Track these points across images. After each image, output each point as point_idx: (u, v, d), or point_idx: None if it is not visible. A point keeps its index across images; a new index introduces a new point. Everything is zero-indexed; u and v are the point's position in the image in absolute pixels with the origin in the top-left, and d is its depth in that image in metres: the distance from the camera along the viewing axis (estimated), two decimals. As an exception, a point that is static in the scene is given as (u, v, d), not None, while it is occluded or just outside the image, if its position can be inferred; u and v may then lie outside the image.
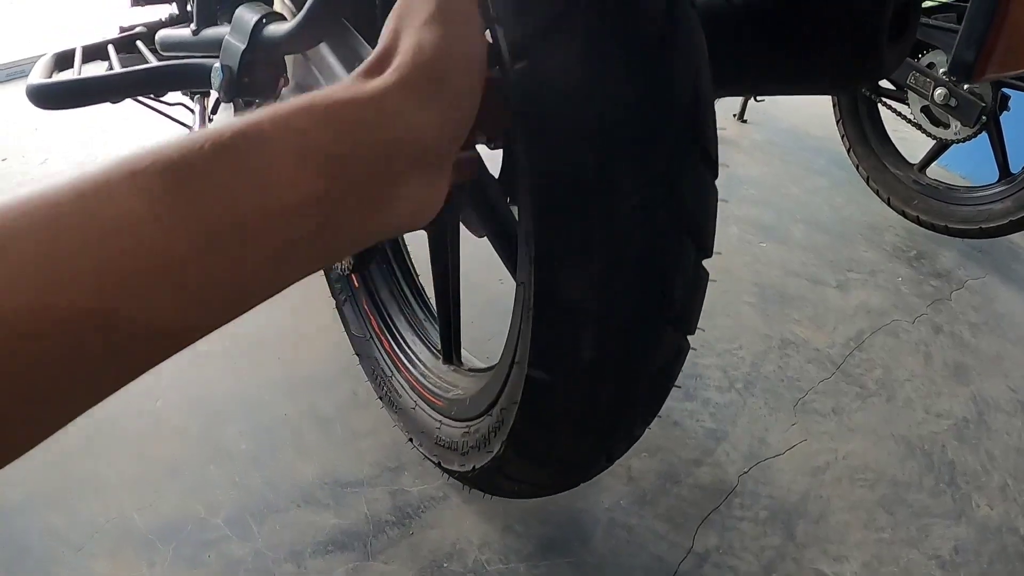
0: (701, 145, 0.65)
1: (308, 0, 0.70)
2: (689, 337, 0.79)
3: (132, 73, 1.02)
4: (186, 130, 1.41)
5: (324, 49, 0.85)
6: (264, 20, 0.83)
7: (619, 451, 0.93)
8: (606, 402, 0.80)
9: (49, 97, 1.03)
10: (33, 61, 2.97)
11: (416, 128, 0.46)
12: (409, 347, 1.37)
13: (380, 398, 1.40)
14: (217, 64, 0.89)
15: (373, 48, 0.68)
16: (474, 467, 1.04)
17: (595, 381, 0.77)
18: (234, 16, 0.89)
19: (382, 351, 1.40)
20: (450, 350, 1.27)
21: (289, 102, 0.42)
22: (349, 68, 0.81)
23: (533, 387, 0.79)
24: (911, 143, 2.49)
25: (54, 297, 0.32)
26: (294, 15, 0.99)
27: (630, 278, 0.68)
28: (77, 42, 1.52)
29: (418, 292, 1.47)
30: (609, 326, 0.71)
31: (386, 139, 0.44)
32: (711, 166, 0.66)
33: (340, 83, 0.46)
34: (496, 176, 0.97)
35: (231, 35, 0.88)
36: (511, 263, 0.98)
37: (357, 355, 1.47)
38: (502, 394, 0.93)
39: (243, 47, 0.85)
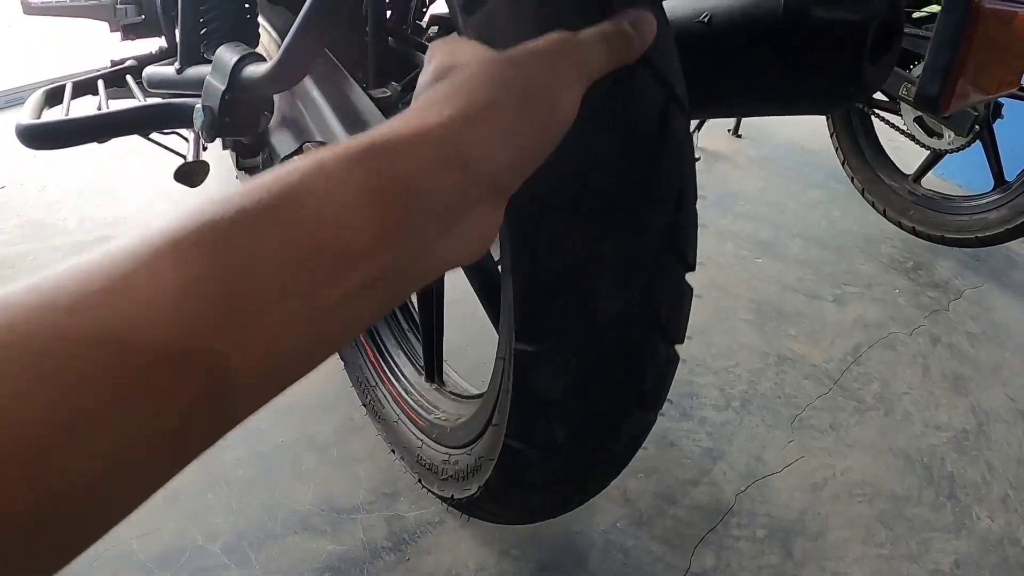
0: (680, 254, 0.66)
1: (285, 40, 0.71)
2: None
3: (117, 114, 1.04)
4: (180, 159, 1.42)
5: (308, 82, 0.86)
6: (243, 61, 0.84)
7: (590, 497, 0.95)
8: (578, 467, 0.83)
9: (37, 137, 1.04)
10: (33, 88, 3.00)
11: (488, 162, 0.44)
12: (393, 359, 1.39)
13: (364, 405, 1.42)
14: (199, 105, 0.90)
15: (357, 80, 0.69)
16: (452, 496, 1.06)
17: (568, 453, 0.79)
18: (215, 56, 0.90)
19: (367, 360, 1.41)
20: (432, 368, 1.28)
21: (352, 140, 0.40)
22: (331, 102, 0.82)
23: (509, 451, 0.83)
24: (906, 153, 2.49)
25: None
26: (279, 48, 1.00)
27: (604, 375, 0.71)
28: (68, 66, 1.54)
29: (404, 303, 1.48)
30: (582, 413, 0.74)
31: (457, 174, 0.43)
32: (687, 267, 0.68)
33: (404, 114, 0.44)
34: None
35: (212, 75, 0.89)
36: (491, 309, 1.00)
37: (342, 360, 1.49)
38: (480, 438, 0.96)
39: (223, 88, 0.85)
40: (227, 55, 0.85)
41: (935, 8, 1.99)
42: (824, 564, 1.27)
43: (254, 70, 0.82)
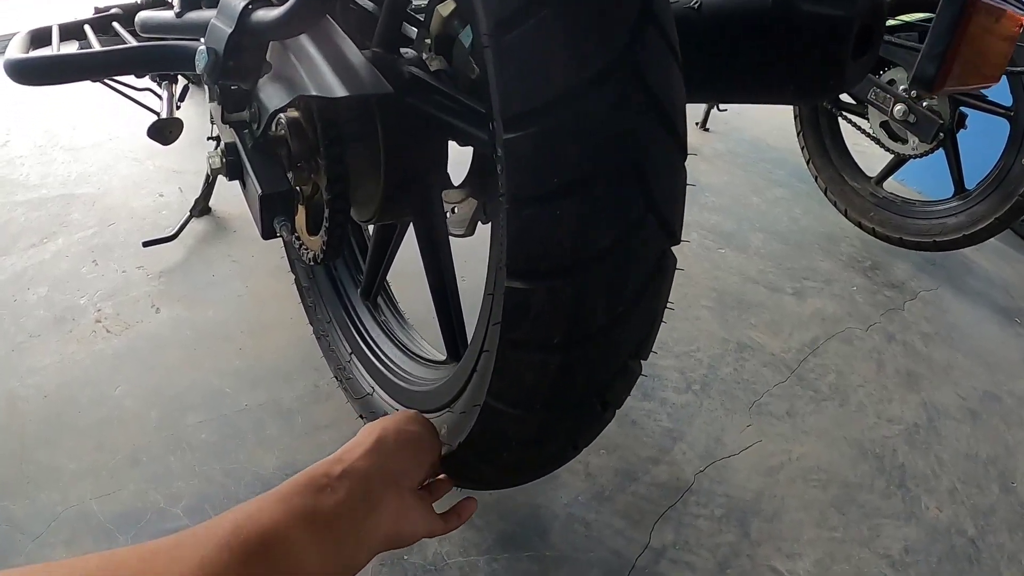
0: None
1: None
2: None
3: (115, 52, 1.00)
4: (153, 116, 1.40)
5: (305, 39, 0.85)
6: (251, 5, 0.82)
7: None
8: (530, 464, 0.90)
9: (30, 72, 1.00)
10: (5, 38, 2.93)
11: (392, 467, 0.79)
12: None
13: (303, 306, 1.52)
14: (202, 47, 0.88)
15: (354, 42, 0.72)
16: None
17: (518, 465, 0.88)
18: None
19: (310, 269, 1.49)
20: (370, 287, 1.35)
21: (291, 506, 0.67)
22: (329, 59, 0.82)
23: (461, 455, 0.89)
24: (870, 157, 2.54)
25: None
26: None
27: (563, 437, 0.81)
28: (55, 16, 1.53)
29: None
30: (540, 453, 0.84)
31: (353, 509, 0.72)
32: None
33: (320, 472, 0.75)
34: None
35: (217, 18, 0.87)
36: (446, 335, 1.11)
37: (287, 255, 1.57)
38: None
39: (230, 31, 0.84)
40: None
41: (909, 18, 2.03)
42: (779, 544, 1.30)
43: (263, 15, 0.80)
